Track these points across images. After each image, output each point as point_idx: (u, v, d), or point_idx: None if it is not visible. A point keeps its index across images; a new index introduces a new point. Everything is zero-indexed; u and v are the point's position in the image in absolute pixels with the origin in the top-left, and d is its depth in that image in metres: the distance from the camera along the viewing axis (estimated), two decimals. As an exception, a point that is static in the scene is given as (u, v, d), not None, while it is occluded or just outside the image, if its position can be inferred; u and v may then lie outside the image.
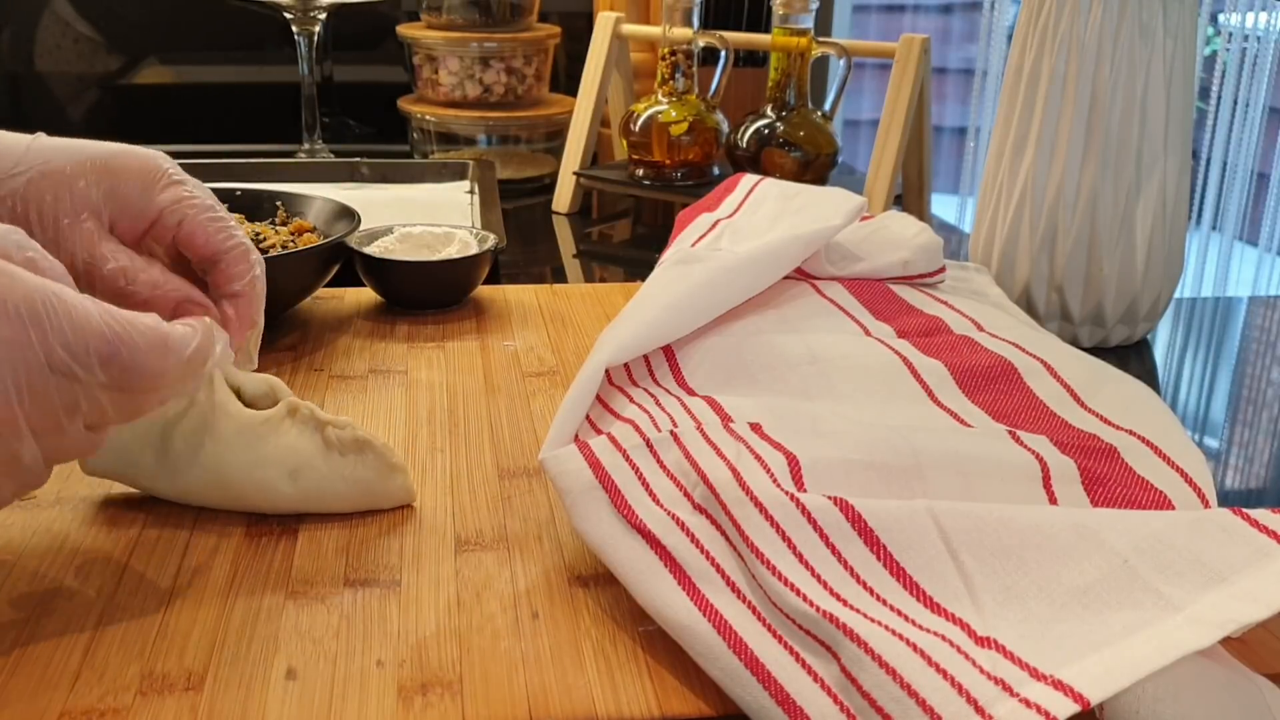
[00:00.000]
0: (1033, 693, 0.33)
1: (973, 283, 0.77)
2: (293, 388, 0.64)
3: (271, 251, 0.70)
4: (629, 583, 0.43)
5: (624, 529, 0.44)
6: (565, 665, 0.41)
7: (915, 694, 0.34)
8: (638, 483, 0.46)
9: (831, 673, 0.37)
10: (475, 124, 1.21)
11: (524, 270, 0.95)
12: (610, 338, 0.57)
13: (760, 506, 0.42)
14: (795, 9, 0.97)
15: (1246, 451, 0.67)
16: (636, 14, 1.24)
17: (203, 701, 0.38)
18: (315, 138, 1.20)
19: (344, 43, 1.41)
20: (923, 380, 0.58)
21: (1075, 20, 0.72)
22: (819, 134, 1.00)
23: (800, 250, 0.68)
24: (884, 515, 0.42)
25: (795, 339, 0.61)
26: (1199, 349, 0.84)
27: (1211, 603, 0.36)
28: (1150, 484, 0.48)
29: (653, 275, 0.66)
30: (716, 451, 0.46)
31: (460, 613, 0.44)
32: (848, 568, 0.41)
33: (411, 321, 0.74)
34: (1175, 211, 0.76)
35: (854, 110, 2.41)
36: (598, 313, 0.77)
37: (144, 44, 1.38)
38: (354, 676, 0.40)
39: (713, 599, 0.41)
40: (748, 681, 0.38)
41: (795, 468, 0.46)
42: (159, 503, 0.51)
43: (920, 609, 0.39)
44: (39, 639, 0.41)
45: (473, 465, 0.55)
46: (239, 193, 0.79)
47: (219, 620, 0.43)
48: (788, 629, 0.39)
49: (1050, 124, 0.74)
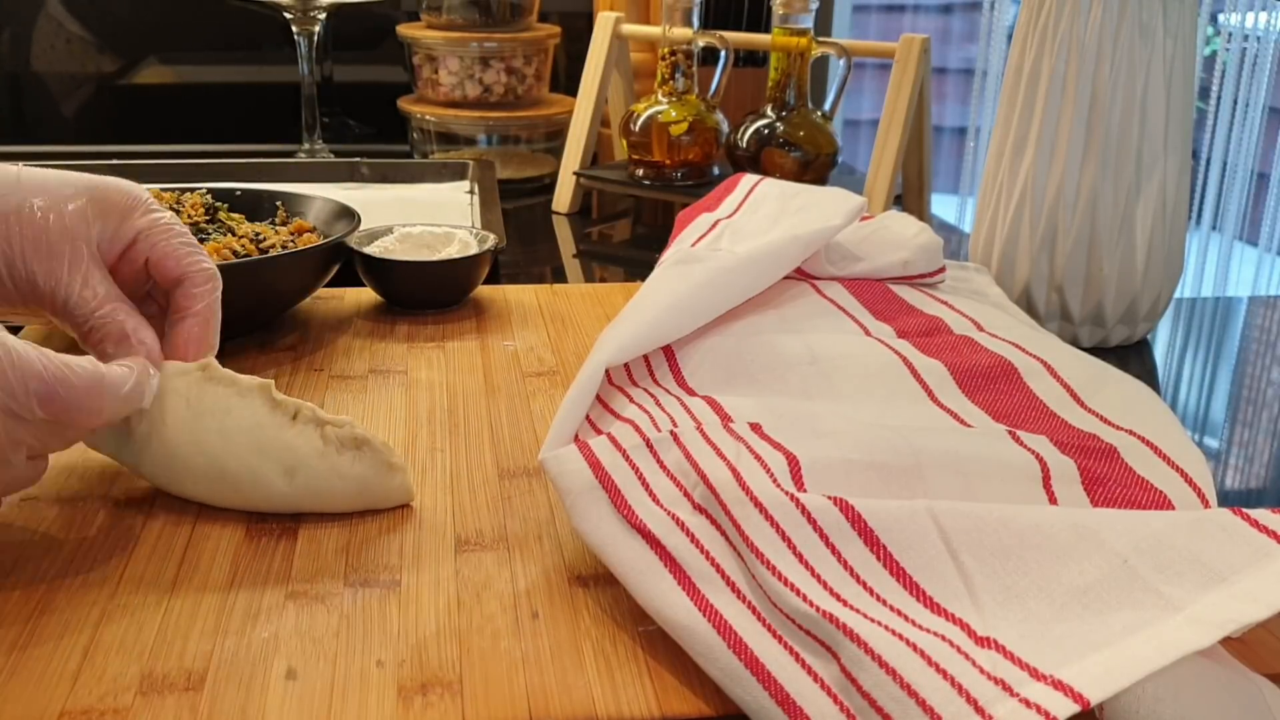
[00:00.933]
0: (1033, 693, 0.33)
1: (973, 283, 0.77)
2: (292, 388, 0.64)
3: (271, 251, 0.70)
4: (629, 583, 0.43)
5: (624, 529, 0.44)
6: (565, 665, 0.41)
7: (915, 694, 0.34)
8: (638, 483, 0.46)
9: (831, 673, 0.37)
10: (475, 124, 1.21)
11: (524, 270, 0.95)
12: (610, 338, 0.57)
13: (760, 506, 0.42)
14: (795, 9, 0.97)
15: (1246, 451, 0.67)
16: (636, 14, 1.24)
17: (203, 701, 0.38)
18: (315, 138, 1.20)
19: (344, 43, 1.41)
20: (923, 380, 0.58)
21: (1075, 20, 0.72)
22: (819, 134, 1.00)
23: (800, 250, 0.68)
24: (884, 515, 0.42)
25: (795, 339, 0.61)
26: (1199, 349, 0.84)
27: (1211, 603, 0.36)
28: (1150, 484, 0.48)
29: (653, 275, 0.66)
30: (716, 451, 0.46)
31: (460, 613, 0.44)
32: (847, 568, 0.41)
33: (411, 321, 0.74)
34: (1175, 211, 0.76)
35: (854, 110, 2.41)
36: (598, 313, 0.77)
37: (144, 44, 1.38)
38: (354, 676, 0.40)
39: (713, 599, 0.41)
40: (748, 681, 0.38)
41: (795, 468, 0.46)
42: (159, 503, 0.51)
43: (920, 609, 0.39)
44: (39, 639, 0.41)
45: (473, 465, 0.55)
46: (239, 193, 0.79)
47: (219, 621, 0.43)
48: (788, 629, 0.39)
49: (1050, 124, 0.74)
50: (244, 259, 0.68)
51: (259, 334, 0.71)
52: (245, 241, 0.71)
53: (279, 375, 0.65)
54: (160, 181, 0.84)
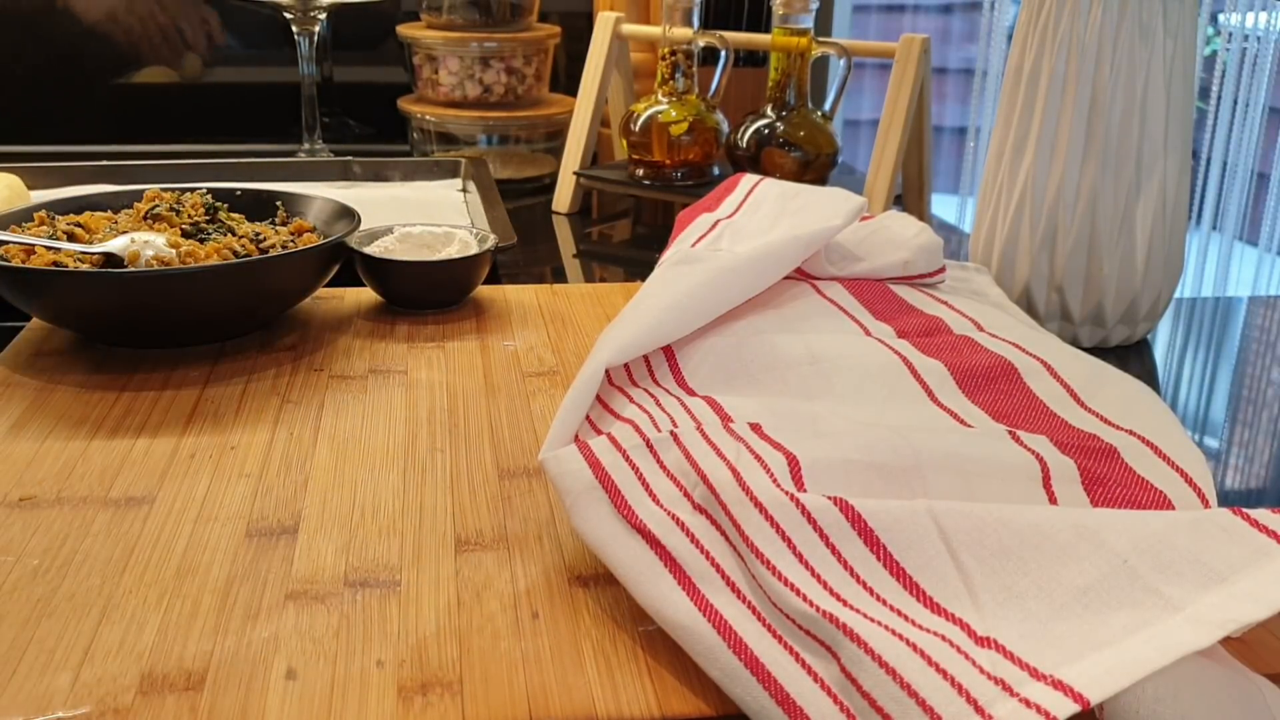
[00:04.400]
0: (1033, 692, 0.33)
1: (973, 283, 0.77)
2: (292, 388, 0.64)
3: (271, 251, 0.70)
4: (629, 583, 0.43)
5: (624, 529, 0.44)
6: (565, 665, 0.41)
7: (915, 694, 0.34)
8: (638, 483, 0.46)
9: (831, 673, 0.37)
10: (475, 124, 1.21)
11: (524, 270, 0.95)
12: (610, 338, 0.57)
13: (760, 506, 0.42)
14: (795, 9, 0.97)
15: (1246, 451, 0.67)
16: (636, 14, 1.24)
17: (203, 701, 0.38)
18: (315, 138, 1.20)
19: (344, 43, 1.41)
20: (923, 380, 0.58)
21: (1075, 20, 0.72)
22: (819, 134, 1.00)
23: (800, 251, 0.68)
24: (884, 515, 0.41)
25: (795, 339, 0.61)
26: (1199, 349, 0.84)
27: (1211, 603, 0.36)
28: (1150, 484, 0.48)
29: (653, 276, 0.66)
30: (716, 452, 0.46)
31: (460, 613, 0.44)
32: (847, 568, 0.41)
33: (411, 321, 0.74)
34: (1175, 211, 0.76)
35: (854, 110, 2.41)
36: (598, 313, 0.77)
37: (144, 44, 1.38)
38: (354, 676, 0.40)
39: (713, 599, 0.41)
40: (748, 681, 0.38)
41: (795, 468, 0.46)
42: (159, 503, 0.51)
43: (920, 609, 0.39)
44: (39, 639, 0.41)
45: (473, 465, 0.55)
46: (239, 193, 0.79)
47: (219, 621, 0.43)
48: (788, 629, 0.39)
49: (1050, 124, 0.74)
50: (244, 259, 0.68)
51: (259, 334, 0.71)
52: (245, 241, 0.71)
53: (279, 375, 0.65)
54: (160, 181, 0.84)
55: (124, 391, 0.63)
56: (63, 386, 0.63)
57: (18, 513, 0.50)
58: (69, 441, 0.57)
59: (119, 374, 0.65)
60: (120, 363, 0.66)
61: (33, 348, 0.68)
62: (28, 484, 0.53)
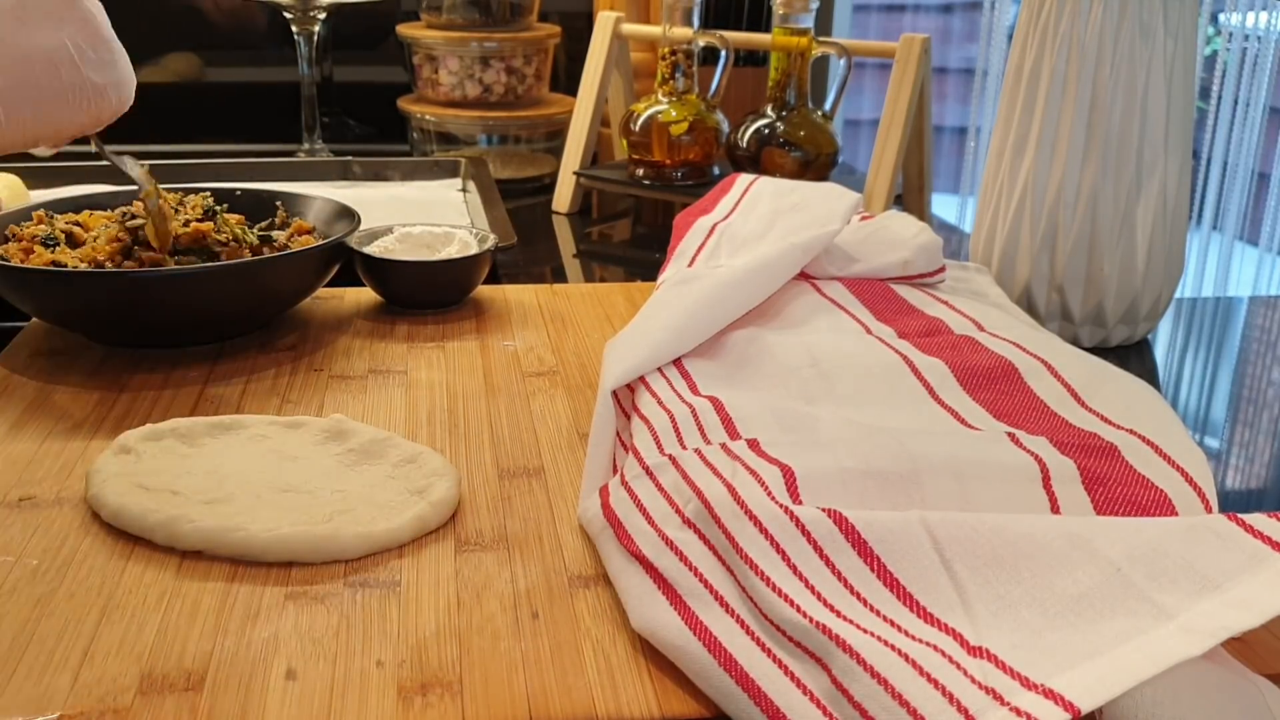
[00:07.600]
0: (1023, 702, 0.33)
1: (973, 283, 0.77)
2: (292, 388, 0.64)
3: (271, 251, 0.70)
4: (628, 609, 0.43)
5: (626, 559, 0.45)
6: (565, 665, 0.41)
7: (906, 703, 0.34)
8: (636, 510, 0.47)
9: (821, 684, 0.37)
10: (475, 124, 1.21)
11: (524, 270, 0.95)
12: (614, 360, 0.58)
13: (755, 520, 0.42)
14: (795, 9, 0.97)
15: (1247, 451, 0.67)
16: (636, 14, 1.24)
17: (203, 701, 0.38)
18: (315, 138, 1.20)
19: (344, 43, 1.41)
20: (924, 379, 0.58)
21: (1075, 20, 0.72)
22: (819, 134, 1.00)
23: (799, 258, 0.69)
24: (877, 526, 0.42)
25: (796, 340, 0.61)
26: (1199, 349, 0.84)
27: (1204, 611, 0.36)
28: (1150, 483, 0.48)
29: (653, 296, 0.66)
30: (713, 471, 0.47)
31: (460, 613, 0.44)
32: (841, 579, 0.41)
33: (411, 321, 0.74)
34: (1175, 211, 0.75)
35: (854, 110, 2.41)
36: (598, 313, 0.77)
37: (144, 44, 1.38)
38: (354, 676, 0.40)
39: (702, 615, 0.41)
40: (740, 699, 0.38)
41: (791, 480, 0.46)
42: (159, 503, 0.51)
43: (913, 619, 0.39)
44: (39, 639, 0.41)
45: (473, 465, 0.55)
46: (239, 193, 0.79)
47: (219, 621, 0.43)
48: (777, 641, 0.39)
49: (1050, 124, 0.74)
50: (244, 259, 0.68)
51: (259, 334, 0.71)
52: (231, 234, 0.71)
53: (279, 375, 0.65)
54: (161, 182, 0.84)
55: (124, 391, 0.63)
56: (63, 386, 0.63)
57: (18, 513, 0.50)
58: (69, 441, 0.57)
59: (119, 374, 0.65)
60: (120, 363, 0.66)
61: (33, 348, 0.68)
62: (28, 484, 0.53)
